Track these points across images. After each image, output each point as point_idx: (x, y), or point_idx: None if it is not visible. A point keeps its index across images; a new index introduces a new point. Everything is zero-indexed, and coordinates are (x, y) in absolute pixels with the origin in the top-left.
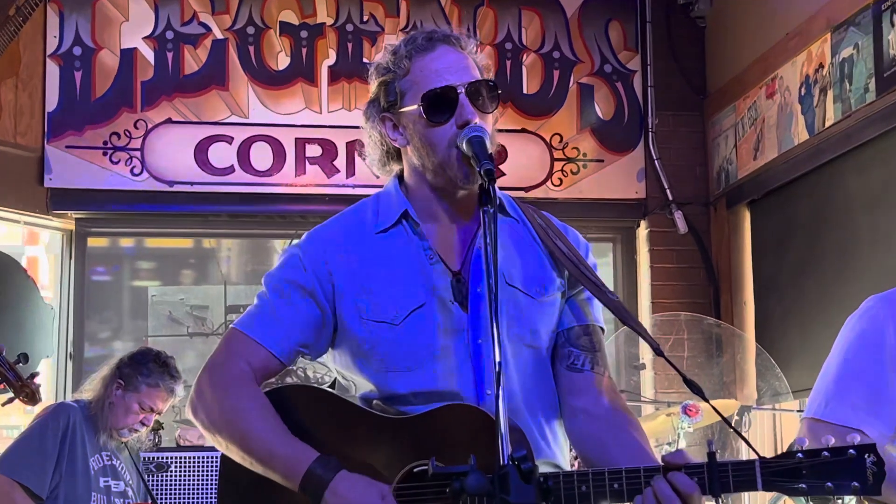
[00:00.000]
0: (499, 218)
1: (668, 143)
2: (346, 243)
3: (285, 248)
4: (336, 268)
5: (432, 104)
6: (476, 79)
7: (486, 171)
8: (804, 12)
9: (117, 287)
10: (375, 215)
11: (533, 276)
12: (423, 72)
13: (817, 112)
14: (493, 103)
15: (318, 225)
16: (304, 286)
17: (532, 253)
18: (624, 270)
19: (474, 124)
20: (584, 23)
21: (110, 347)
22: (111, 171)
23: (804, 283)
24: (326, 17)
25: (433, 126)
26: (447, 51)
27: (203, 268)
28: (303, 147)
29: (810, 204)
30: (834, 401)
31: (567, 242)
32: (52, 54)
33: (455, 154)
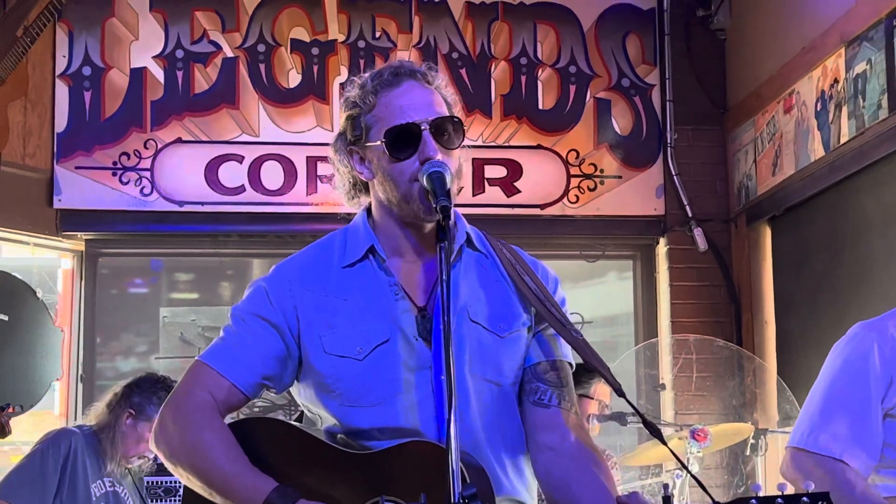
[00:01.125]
0: (467, 252)
1: (688, 158)
2: (312, 277)
3: (254, 280)
4: (301, 302)
5: (395, 140)
6: (440, 115)
7: (441, 208)
8: (818, 26)
9: (128, 308)
10: (343, 249)
11: (497, 312)
12: (388, 107)
13: (832, 128)
14: (457, 139)
15: (284, 258)
16: (270, 319)
17: (498, 288)
18: (643, 289)
19: (435, 160)
20: (600, 36)
21: (121, 369)
22: (121, 192)
23: (822, 302)
24: (338, 34)
25: (396, 161)
26: (413, 86)
27: (214, 288)
28: (314, 165)
29: (828, 221)
30: (818, 430)
31: (535, 277)
32: (61, 74)
33: (416, 188)
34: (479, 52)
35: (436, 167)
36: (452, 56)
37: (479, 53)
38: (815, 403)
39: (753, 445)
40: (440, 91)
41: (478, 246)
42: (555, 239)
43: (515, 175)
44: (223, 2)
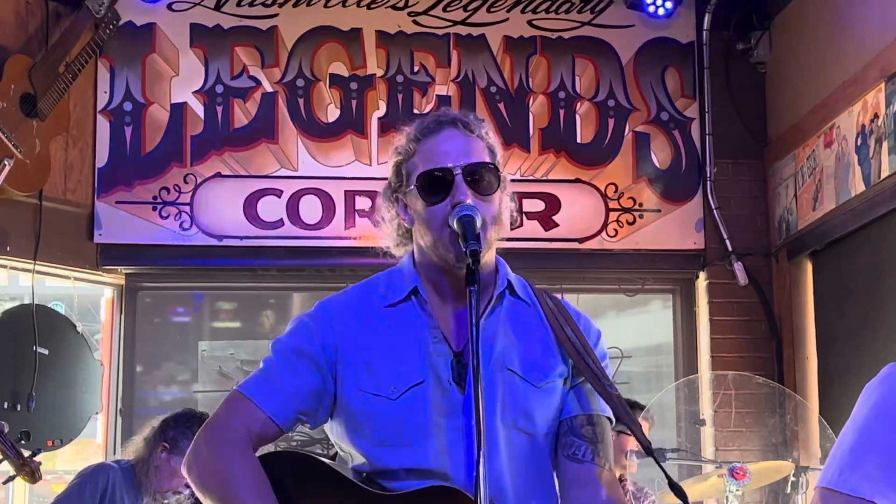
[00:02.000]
0: (508, 300)
1: (728, 192)
2: (354, 315)
3: (298, 315)
4: (342, 339)
5: (428, 184)
6: (474, 161)
7: (471, 252)
8: (859, 60)
9: (167, 341)
10: (386, 289)
11: (534, 361)
12: (426, 154)
13: (873, 163)
14: (492, 187)
15: (329, 295)
16: (310, 354)
17: (538, 338)
18: (683, 324)
19: (465, 204)
20: (639, 70)
21: (161, 402)
22: (161, 226)
23: (864, 338)
24: (377, 69)
25: (429, 205)
26: (452, 134)
27: (253, 322)
28: (352, 200)
29: (870, 256)
30: (848, 470)
31: (577, 329)
32: (102, 110)
33: (448, 233)
34: (517, 85)
35: (466, 211)
36: (491, 90)
37: (518, 87)
38: (846, 443)
39: (794, 483)
40: (484, 139)
41: (520, 294)
42: (593, 273)
43: (554, 209)
44: (263, 37)
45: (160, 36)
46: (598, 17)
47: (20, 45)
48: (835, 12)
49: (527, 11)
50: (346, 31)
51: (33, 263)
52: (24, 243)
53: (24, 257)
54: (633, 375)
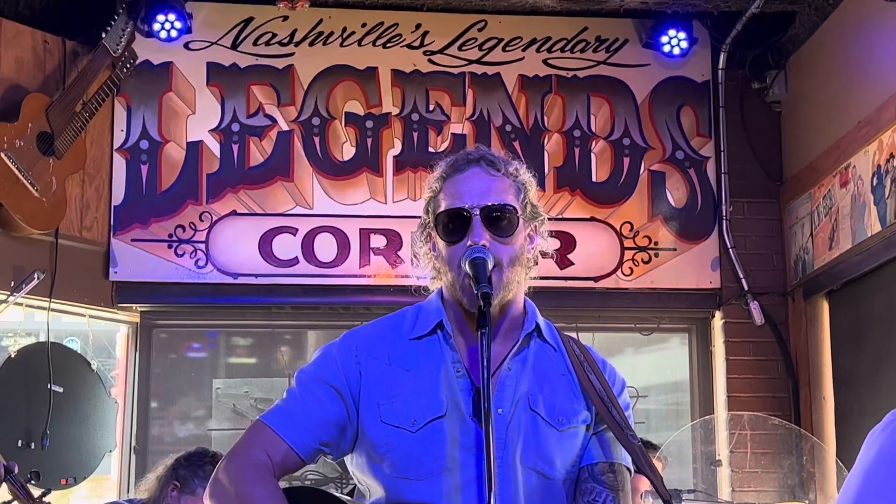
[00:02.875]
0: (535, 342)
1: (743, 231)
2: (379, 347)
3: (324, 345)
4: (366, 370)
5: (447, 224)
6: (492, 203)
7: (482, 295)
8: (875, 100)
9: (182, 380)
10: (413, 323)
11: (558, 405)
12: (449, 192)
13: (889, 203)
14: (511, 227)
15: (355, 328)
16: (334, 385)
17: (562, 382)
18: (699, 363)
19: (477, 246)
20: (654, 109)
21: (174, 441)
22: (176, 264)
23: (882, 378)
24: (392, 107)
25: (448, 245)
26: (476, 173)
27: (267, 360)
28: (367, 238)
29: (885, 296)
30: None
31: (602, 377)
32: (118, 148)
33: (462, 273)
34: (532, 124)
35: (476, 253)
36: (506, 128)
37: (533, 126)
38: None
39: None
40: (511, 177)
41: (547, 338)
42: (609, 312)
43: (569, 247)
44: (279, 76)
45: (177, 74)
46: (614, 57)
47: (38, 84)
48: (850, 52)
49: (542, 50)
50: (361, 69)
51: (49, 301)
52: (41, 281)
53: (40, 295)
54: (651, 413)
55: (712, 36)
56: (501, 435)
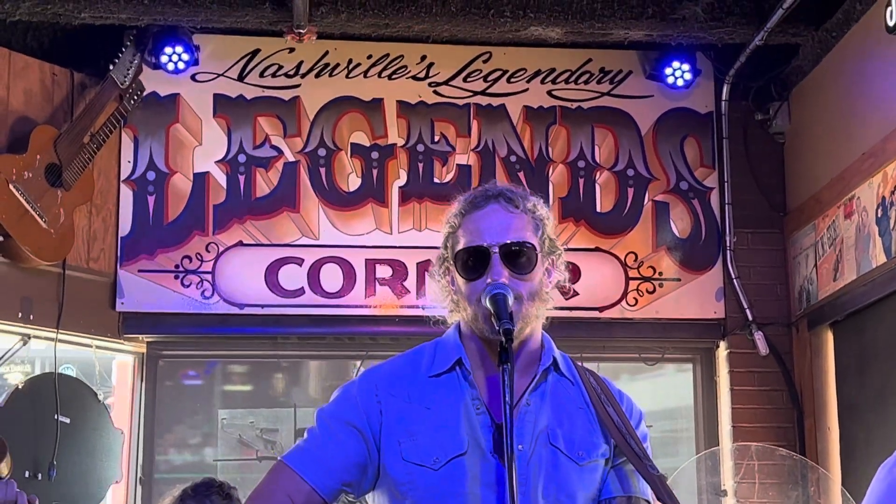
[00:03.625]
0: (553, 377)
1: (747, 261)
2: (399, 384)
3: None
4: (386, 408)
5: (466, 261)
6: (511, 240)
7: (504, 331)
8: (879, 132)
9: (187, 410)
10: (432, 359)
11: (578, 439)
12: (468, 229)
13: (894, 235)
14: (530, 264)
15: (376, 364)
16: (355, 425)
17: (580, 416)
18: (704, 393)
19: (497, 283)
20: (658, 139)
21: (180, 471)
22: (182, 295)
23: (887, 409)
24: (397, 138)
25: (468, 281)
26: (495, 210)
27: (272, 390)
28: (373, 268)
29: (890, 328)
30: None
31: (619, 409)
32: (125, 179)
33: (482, 310)
34: (537, 155)
35: (497, 289)
36: (510, 159)
37: (537, 157)
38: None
39: None
40: (529, 213)
41: (564, 371)
42: (613, 342)
43: (573, 278)
44: (285, 107)
45: (184, 106)
46: (617, 88)
47: (46, 116)
48: (854, 84)
49: (546, 82)
50: (367, 101)
51: (56, 332)
52: (48, 311)
53: (48, 325)
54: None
55: (716, 67)
56: (523, 471)
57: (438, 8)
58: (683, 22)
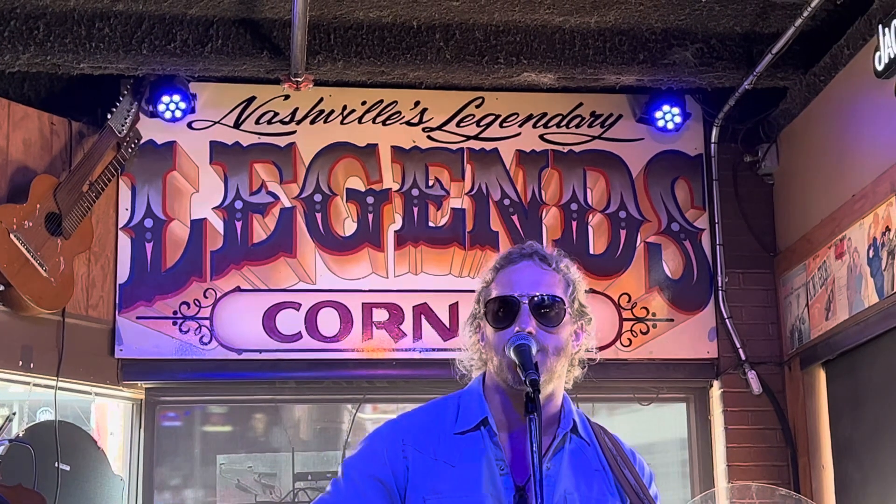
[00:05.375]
0: (570, 439)
1: (739, 301)
2: (424, 440)
3: (369, 434)
4: (412, 463)
5: (496, 310)
6: (541, 293)
7: (531, 381)
8: (869, 175)
9: (186, 456)
10: (455, 416)
11: (595, 501)
12: (500, 282)
13: (885, 275)
14: (559, 318)
15: (402, 414)
16: (381, 479)
17: (598, 478)
18: (698, 432)
19: (522, 333)
20: (649, 182)
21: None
22: (181, 341)
23: (880, 447)
24: (392, 183)
25: (497, 331)
26: (528, 265)
27: (271, 435)
28: (369, 312)
29: (883, 367)
30: None
31: (633, 469)
32: (123, 226)
33: (507, 360)
34: (530, 198)
35: (521, 340)
36: (504, 203)
37: (531, 200)
38: None
39: None
40: (561, 272)
41: (582, 433)
42: (608, 383)
43: None
44: (281, 154)
45: (180, 153)
46: (608, 131)
47: (45, 165)
48: (842, 127)
49: (538, 126)
50: (362, 146)
51: (56, 380)
52: (48, 359)
53: (48, 373)
54: None
55: (705, 111)
56: None
57: (433, 55)
58: (674, 67)
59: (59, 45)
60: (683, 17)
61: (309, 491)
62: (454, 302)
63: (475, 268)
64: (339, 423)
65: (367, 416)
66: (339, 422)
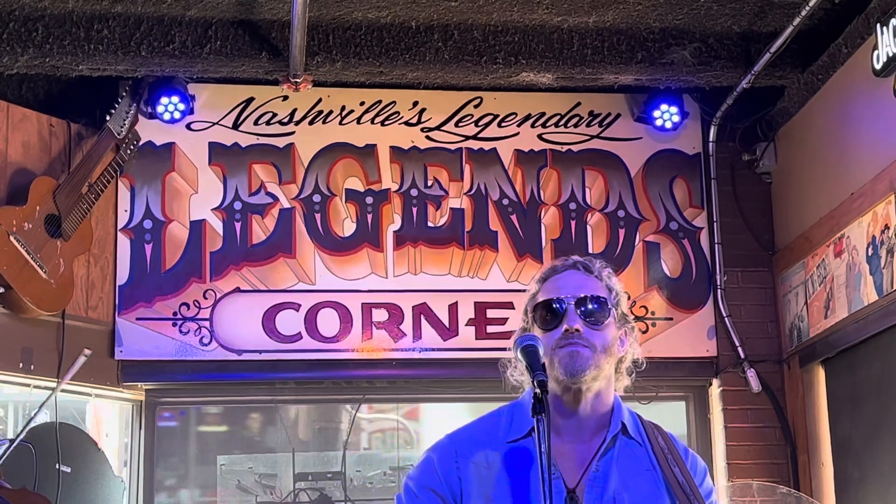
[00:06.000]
0: (621, 440)
1: (738, 300)
2: (477, 450)
3: (429, 449)
4: (465, 474)
5: (543, 313)
6: (586, 294)
7: (538, 382)
8: (867, 173)
9: (186, 457)
10: (509, 424)
11: (644, 500)
12: (546, 289)
13: (885, 273)
14: (604, 316)
15: (460, 427)
16: (438, 492)
17: (647, 479)
18: (698, 431)
19: (529, 334)
20: (648, 181)
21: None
22: (181, 342)
23: (880, 445)
24: (391, 183)
25: (545, 332)
26: (572, 273)
27: (271, 435)
28: (369, 312)
29: (882, 365)
30: None
31: (684, 468)
32: (123, 228)
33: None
34: (528, 198)
35: (528, 340)
36: (503, 202)
37: (529, 199)
38: None
39: None
40: (603, 280)
41: (632, 433)
42: None
43: None
44: (280, 155)
45: (179, 155)
46: (606, 131)
47: (44, 167)
48: (840, 125)
49: (536, 126)
50: (360, 147)
51: (56, 381)
52: (48, 361)
53: (48, 375)
54: None
55: (703, 109)
56: None
57: (432, 56)
58: (672, 66)
59: (58, 47)
60: (681, 17)
61: (309, 491)
62: (454, 302)
63: (474, 267)
64: (339, 424)
65: (366, 416)
66: (339, 422)
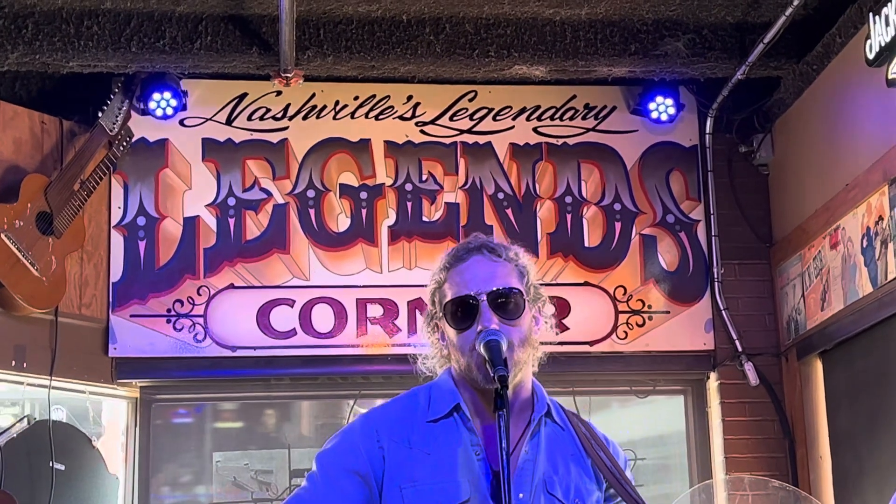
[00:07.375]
0: (546, 424)
1: (735, 292)
2: (399, 430)
3: (342, 428)
4: (388, 455)
5: (455, 312)
6: (497, 287)
7: (499, 377)
8: (862, 163)
9: (182, 453)
10: (427, 405)
11: (574, 486)
12: (453, 281)
13: (879, 265)
14: (518, 310)
15: (373, 408)
16: (358, 472)
17: (576, 462)
18: (695, 425)
19: (490, 329)
20: (644, 174)
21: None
22: (175, 339)
23: (878, 437)
24: (386, 178)
25: (458, 332)
26: (478, 261)
27: (266, 432)
28: (364, 307)
29: (879, 357)
30: None
31: (609, 454)
32: (116, 225)
33: (476, 357)
34: (524, 191)
35: (491, 336)
36: (498, 196)
37: (525, 193)
38: None
39: None
40: (512, 261)
41: (556, 419)
42: (604, 375)
43: (563, 312)
44: (273, 150)
45: (173, 151)
46: (602, 124)
47: (36, 164)
48: (835, 116)
49: (532, 119)
50: (354, 141)
51: (50, 379)
52: (41, 359)
53: (41, 373)
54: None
55: (699, 101)
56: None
57: (424, 49)
58: (666, 58)
59: (48, 44)
60: (674, 8)
61: None
62: None
63: None
64: (334, 420)
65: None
66: (334, 418)
